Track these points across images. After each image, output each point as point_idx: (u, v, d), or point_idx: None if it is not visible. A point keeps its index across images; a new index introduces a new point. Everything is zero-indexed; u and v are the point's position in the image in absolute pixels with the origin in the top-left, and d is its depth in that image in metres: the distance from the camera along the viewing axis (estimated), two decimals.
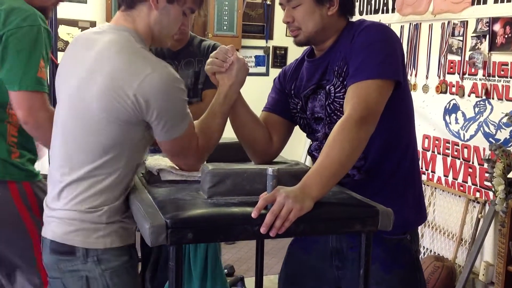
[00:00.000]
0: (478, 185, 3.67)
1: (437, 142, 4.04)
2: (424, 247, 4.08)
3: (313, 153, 1.83)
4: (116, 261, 1.57)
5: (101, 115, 1.49)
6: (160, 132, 1.54)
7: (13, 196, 1.94)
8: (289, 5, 1.73)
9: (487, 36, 3.55)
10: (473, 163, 3.72)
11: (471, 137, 3.74)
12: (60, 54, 3.70)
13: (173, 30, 1.67)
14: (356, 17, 1.80)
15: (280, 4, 1.78)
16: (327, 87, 1.73)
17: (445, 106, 3.96)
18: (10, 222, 1.95)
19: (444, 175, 3.97)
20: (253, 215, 1.35)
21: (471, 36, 3.69)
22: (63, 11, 4.30)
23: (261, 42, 5.34)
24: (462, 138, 3.81)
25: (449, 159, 3.93)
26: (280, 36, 5.33)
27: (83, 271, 1.55)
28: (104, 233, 1.55)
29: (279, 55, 5.40)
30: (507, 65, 3.44)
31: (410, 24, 4.23)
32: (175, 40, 2.65)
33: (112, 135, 1.51)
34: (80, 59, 1.57)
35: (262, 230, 1.35)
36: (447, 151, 3.95)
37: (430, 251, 4.04)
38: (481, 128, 3.66)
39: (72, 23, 4.63)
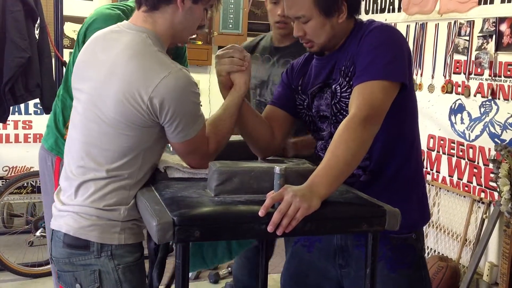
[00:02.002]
0: (483, 186, 3.66)
1: (442, 142, 4.03)
2: (428, 247, 4.08)
3: (319, 153, 1.83)
4: (129, 257, 1.59)
5: (119, 119, 1.52)
6: (172, 133, 1.56)
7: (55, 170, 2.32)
8: (298, 21, 1.72)
9: (494, 36, 3.54)
10: (478, 163, 3.71)
11: (477, 137, 3.73)
12: (66, 51, 3.70)
13: (194, 28, 1.69)
14: (362, 17, 1.80)
15: (288, 18, 1.77)
16: (333, 86, 1.73)
17: (451, 106, 3.95)
18: (48, 187, 2.36)
19: (449, 175, 3.96)
20: (260, 213, 1.35)
21: (478, 36, 3.68)
22: (69, 8, 4.29)
23: None
24: (468, 138, 3.80)
25: (454, 159, 3.92)
26: None
27: (96, 265, 1.57)
28: (119, 230, 1.57)
29: None
30: None
31: (416, 23, 4.23)
32: (279, 33, 2.51)
33: (129, 139, 1.54)
34: (99, 61, 1.58)
35: (269, 228, 1.34)
36: (452, 151, 3.94)
37: (434, 251, 4.03)
38: (487, 129, 3.65)
39: (78, 20, 4.62)
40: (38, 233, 3.73)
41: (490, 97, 3.61)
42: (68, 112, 2.24)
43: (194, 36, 2.41)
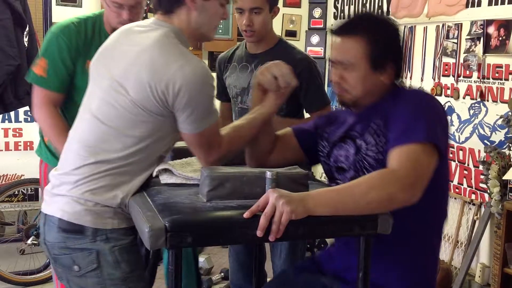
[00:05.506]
0: (474, 187, 3.68)
1: None
2: None
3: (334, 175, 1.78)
4: (124, 239, 1.62)
5: (137, 105, 1.55)
6: (184, 123, 1.58)
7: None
8: (340, 66, 1.66)
9: (482, 39, 3.56)
10: (468, 165, 3.73)
11: (466, 139, 3.75)
12: None
13: (215, 24, 1.71)
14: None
15: (332, 62, 1.69)
16: (358, 141, 1.67)
17: None
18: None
19: None
20: (245, 215, 1.36)
21: (466, 39, 3.71)
22: (58, 14, 4.28)
23: None
24: (457, 140, 3.82)
25: None
26: None
27: (93, 248, 1.59)
28: (112, 215, 1.60)
29: None
30: (501, 67, 3.46)
31: (405, 26, 4.25)
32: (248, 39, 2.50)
33: (146, 127, 1.57)
34: (122, 51, 1.62)
35: (258, 233, 1.35)
36: None
37: None
38: (476, 130, 3.67)
39: None
40: (29, 241, 3.70)
41: (479, 99, 3.64)
42: None
43: None
